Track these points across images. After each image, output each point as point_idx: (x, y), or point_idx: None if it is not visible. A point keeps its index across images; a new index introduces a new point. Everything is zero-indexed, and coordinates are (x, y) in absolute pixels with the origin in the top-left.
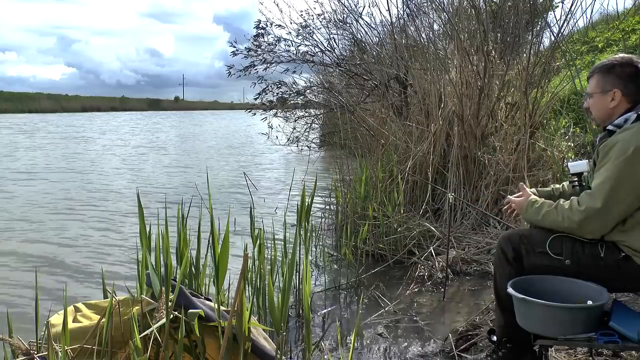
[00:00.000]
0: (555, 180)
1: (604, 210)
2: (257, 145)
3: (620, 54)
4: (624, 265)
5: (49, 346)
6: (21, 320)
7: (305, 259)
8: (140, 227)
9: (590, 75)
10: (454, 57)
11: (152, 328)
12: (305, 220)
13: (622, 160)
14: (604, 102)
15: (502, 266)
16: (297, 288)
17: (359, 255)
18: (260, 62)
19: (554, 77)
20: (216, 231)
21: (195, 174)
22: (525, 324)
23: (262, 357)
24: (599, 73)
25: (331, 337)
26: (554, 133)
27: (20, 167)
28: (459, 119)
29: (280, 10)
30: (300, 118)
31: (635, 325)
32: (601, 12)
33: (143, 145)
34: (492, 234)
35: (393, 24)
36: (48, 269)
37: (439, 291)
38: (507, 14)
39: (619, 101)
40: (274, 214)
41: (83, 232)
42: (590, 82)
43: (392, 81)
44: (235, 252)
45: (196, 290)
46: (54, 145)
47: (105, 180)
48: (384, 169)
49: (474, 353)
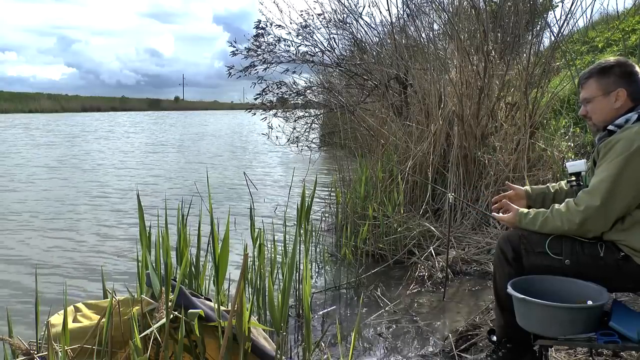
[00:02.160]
0: (555, 180)
1: (603, 208)
2: (257, 145)
3: (611, 57)
4: (623, 265)
5: (49, 346)
6: (21, 320)
7: (305, 259)
8: (140, 227)
9: (584, 81)
10: (454, 57)
11: (152, 328)
12: (305, 220)
13: (623, 157)
14: (608, 104)
15: (501, 266)
16: (297, 288)
17: (359, 255)
18: (260, 62)
19: (554, 77)
20: (216, 231)
21: (196, 174)
22: (525, 324)
23: (262, 357)
24: (596, 76)
25: (331, 337)
26: (554, 133)
27: (21, 166)
28: (459, 119)
29: (280, 10)
30: (300, 118)
31: (635, 325)
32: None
33: (143, 145)
34: (492, 234)
35: (393, 24)
36: (48, 269)
37: (439, 291)
38: (507, 14)
39: (624, 101)
40: (274, 214)
41: (83, 231)
42: (585, 88)
43: (392, 81)
44: (235, 252)
45: (196, 290)
46: (54, 145)
47: (106, 180)
48: (384, 169)
49: (474, 353)
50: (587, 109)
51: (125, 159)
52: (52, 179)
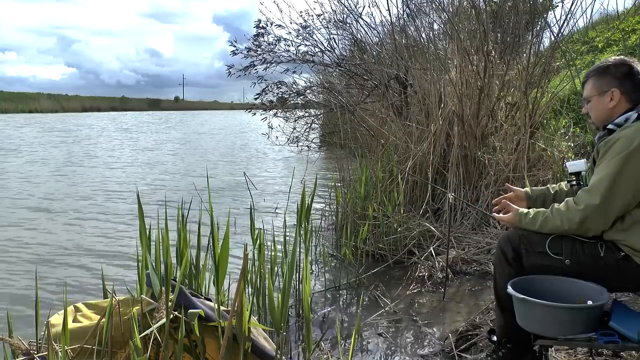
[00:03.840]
0: (555, 180)
1: (602, 206)
2: (257, 145)
3: (612, 56)
4: (623, 264)
5: (49, 346)
6: (21, 320)
7: (305, 259)
8: (140, 227)
9: (584, 81)
10: (454, 57)
11: (152, 328)
12: (305, 220)
13: (623, 155)
14: (603, 103)
15: (501, 266)
16: (297, 288)
17: (359, 255)
18: (260, 62)
19: (554, 77)
20: (216, 231)
21: (196, 174)
22: (525, 324)
23: (262, 357)
24: (593, 76)
25: (331, 337)
26: (554, 133)
27: (21, 165)
28: (459, 119)
29: (280, 10)
30: (300, 118)
31: (635, 325)
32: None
33: (143, 145)
34: (492, 234)
35: (393, 24)
36: (48, 269)
37: (439, 291)
38: (507, 14)
39: (618, 100)
40: (274, 214)
41: (83, 231)
42: (585, 88)
43: (392, 81)
44: (235, 252)
45: (196, 290)
46: (54, 144)
47: (105, 179)
48: (384, 169)
49: (474, 353)
50: (587, 108)
51: (125, 158)
52: (52, 178)
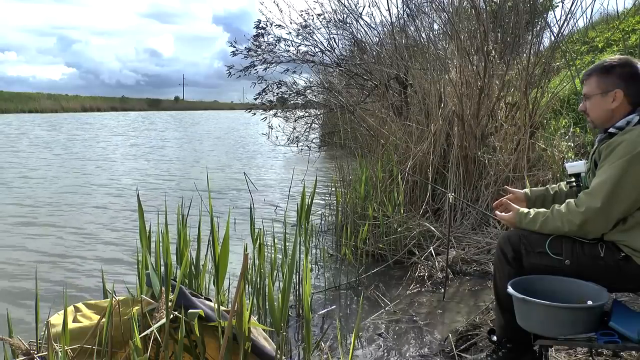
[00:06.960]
0: (555, 180)
1: (603, 210)
2: (257, 145)
3: (617, 55)
4: (623, 265)
5: (49, 346)
6: (21, 320)
7: (305, 259)
8: (140, 226)
9: (586, 77)
10: (454, 57)
11: (152, 328)
12: (305, 220)
13: (626, 159)
14: (604, 103)
15: (501, 266)
16: (297, 288)
17: (359, 255)
18: (260, 62)
19: (554, 77)
20: (216, 231)
21: (196, 174)
22: (525, 324)
23: (262, 357)
24: (597, 74)
25: (331, 337)
26: (554, 133)
27: (21, 165)
28: (459, 119)
29: (280, 10)
30: (300, 118)
31: (635, 325)
32: (601, 12)
33: (143, 144)
34: (492, 234)
35: (393, 24)
36: (48, 269)
37: (439, 291)
38: (507, 14)
39: (621, 102)
40: (274, 214)
41: (83, 231)
42: (587, 84)
43: (392, 81)
44: (235, 252)
45: (196, 290)
46: (54, 144)
47: (106, 179)
48: (384, 169)
49: (474, 353)
50: (586, 105)
51: (125, 158)
52: (52, 178)
